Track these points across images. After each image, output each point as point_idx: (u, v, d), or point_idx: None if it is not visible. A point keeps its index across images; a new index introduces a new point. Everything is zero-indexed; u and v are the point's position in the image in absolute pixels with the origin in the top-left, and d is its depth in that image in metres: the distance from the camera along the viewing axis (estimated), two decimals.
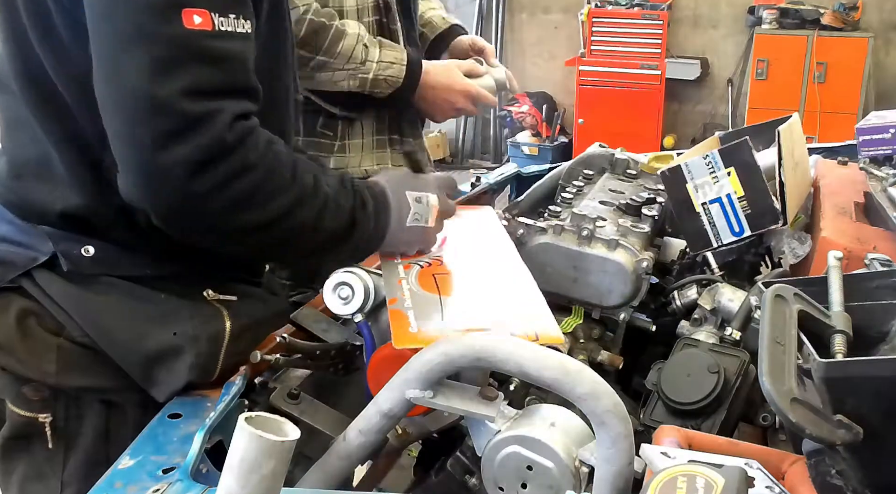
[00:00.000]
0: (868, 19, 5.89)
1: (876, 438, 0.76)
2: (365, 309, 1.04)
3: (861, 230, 1.37)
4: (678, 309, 1.33)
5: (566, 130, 6.69)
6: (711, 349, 1.12)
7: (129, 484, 0.87)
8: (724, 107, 6.37)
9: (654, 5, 6.12)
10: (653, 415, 1.07)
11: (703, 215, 1.38)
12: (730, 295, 1.24)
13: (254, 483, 0.65)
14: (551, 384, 0.83)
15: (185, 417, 1.00)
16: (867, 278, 0.98)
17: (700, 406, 1.04)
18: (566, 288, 1.28)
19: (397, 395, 0.90)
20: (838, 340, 0.87)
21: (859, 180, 1.63)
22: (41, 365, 1.05)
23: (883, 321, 0.92)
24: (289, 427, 0.68)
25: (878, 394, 0.77)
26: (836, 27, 5.67)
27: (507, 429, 0.89)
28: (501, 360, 0.84)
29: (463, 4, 6.96)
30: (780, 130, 1.40)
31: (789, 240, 1.41)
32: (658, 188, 1.58)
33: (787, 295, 0.89)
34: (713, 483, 0.65)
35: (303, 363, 1.12)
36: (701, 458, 0.77)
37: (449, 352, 0.86)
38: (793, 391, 0.76)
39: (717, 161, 1.36)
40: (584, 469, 0.86)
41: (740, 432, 1.10)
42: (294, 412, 1.03)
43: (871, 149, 1.68)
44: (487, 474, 0.91)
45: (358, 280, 1.03)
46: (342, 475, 0.96)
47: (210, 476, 0.89)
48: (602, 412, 0.80)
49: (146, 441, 0.95)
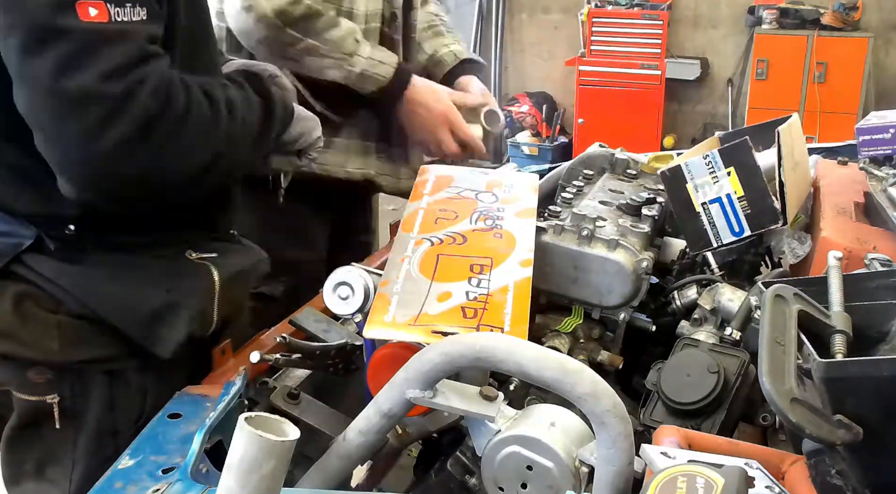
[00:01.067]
0: (868, 19, 5.88)
1: (876, 438, 0.76)
2: (365, 308, 1.04)
3: (861, 230, 1.37)
4: (678, 309, 1.33)
5: (566, 130, 6.68)
6: (711, 349, 1.12)
7: (129, 484, 0.87)
8: (724, 107, 6.36)
9: (654, 5, 6.12)
10: (653, 415, 1.07)
11: (703, 215, 1.38)
12: (730, 295, 1.24)
13: (254, 483, 0.65)
14: (551, 384, 0.83)
15: (185, 417, 1.00)
16: (867, 278, 0.98)
17: (700, 406, 1.04)
18: (566, 288, 1.28)
19: (397, 395, 0.90)
20: (838, 340, 0.87)
21: (859, 180, 1.63)
22: (45, 344, 1.07)
23: (883, 321, 0.92)
24: (289, 427, 0.68)
25: (878, 394, 0.77)
26: (836, 27, 5.66)
27: (507, 429, 0.89)
28: (501, 360, 0.84)
29: (463, 4, 6.96)
30: (780, 130, 1.40)
31: (789, 240, 1.41)
32: (658, 188, 1.58)
33: (787, 295, 0.89)
34: (713, 483, 0.65)
35: (303, 363, 1.12)
36: (701, 458, 0.77)
37: (449, 352, 0.86)
38: (793, 391, 0.76)
39: (717, 161, 1.36)
40: (584, 469, 0.86)
41: (740, 432, 1.10)
42: (294, 412, 1.03)
43: (871, 149, 1.68)
44: (487, 474, 0.91)
45: (358, 279, 1.03)
46: (342, 475, 0.96)
47: (210, 476, 0.89)
48: (602, 412, 0.80)
49: (146, 441, 0.95)
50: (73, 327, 1.08)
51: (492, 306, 1.01)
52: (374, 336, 0.98)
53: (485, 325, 0.96)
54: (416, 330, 0.96)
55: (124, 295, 1.09)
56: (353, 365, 1.16)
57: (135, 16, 0.96)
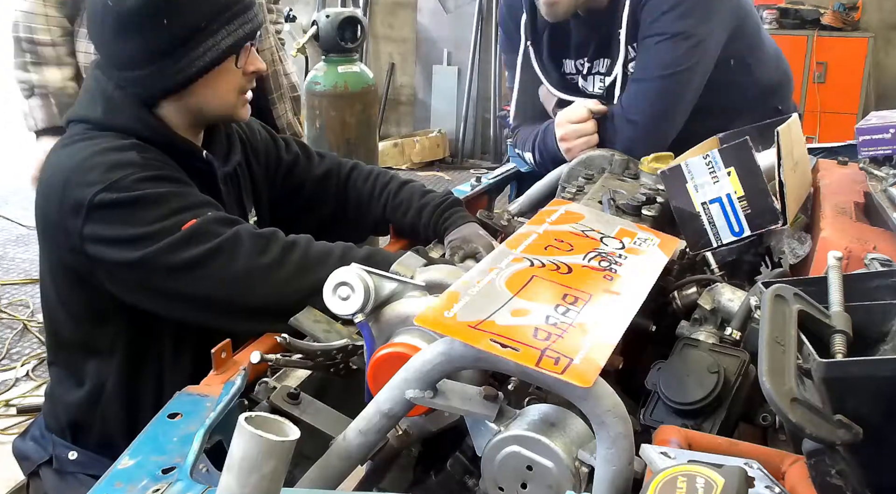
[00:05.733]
0: (868, 19, 5.88)
1: (876, 438, 0.76)
2: (365, 309, 1.04)
3: (861, 230, 1.37)
4: (678, 309, 1.33)
5: None
6: (711, 349, 1.12)
7: (129, 484, 0.87)
8: None
9: None
10: (653, 415, 1.07)
11: (703, 215, 1.38)
12: (730, 295, 1.24)
13: (254, 483, 0.65)
14: (551, 384, 0.83)
15: (184, 417, 1.00)
16: (867, 278, 0.98)
17: (700, 406, 1.04)
18: None
19: (397, 395, 0.90)
20: (838, 340, 0.87)
21: (859, 180, 1.64)
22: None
23: (883, 321, 0.92)
24: (289, 428, 0.68)
25: (878, 394, 0.77)
26: (836, 27, 5.66)
27: (507, 429, 0.89)
28: (501, 360, 0.84)
29: (463, 4, 6.96)
30: (780, 130, 1.40)
31: (789, 240, 1.41)
32: (658, 188, 1.58)
33: (787, 295, 0.89)
34: (713, 483, 0.65)
35: (303, 363, 1.12)
36: (701, 458, 0.77)
37: (449, 352, 0.86)
38: (793, 391, 0.75)
39: (717, 161, 1.36)
40: (584, 469, 0.86)
41: (740, 432, 1.09)
42: (294, 412, 1.03)
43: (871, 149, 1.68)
44: (487, 474, 0.91)
45: (358, 279, 1.03)
46: (342, 475, 0.96)
47: (210, 476, 0.89)
48: (602, 412, 0.80)
49: (146, 441, 0.95)
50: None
51: (570, 336, 0.88)
52: (424, 328, 0.91)
53: (553, 351, 0.84)
54: (473, 333, 0.86)
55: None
56: (354, 365, 1.16)
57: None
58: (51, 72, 2.35)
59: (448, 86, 7.24)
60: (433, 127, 7.28)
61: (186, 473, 0.87)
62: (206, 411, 1.00)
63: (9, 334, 3.69)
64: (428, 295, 1.09)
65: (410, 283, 1.09)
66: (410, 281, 1.09)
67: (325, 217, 1.76)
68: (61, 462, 1.51)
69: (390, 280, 1.08)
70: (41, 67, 2.36)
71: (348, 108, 3.58)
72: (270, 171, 1.71)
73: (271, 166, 1.72)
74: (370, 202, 1.72)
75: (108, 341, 1.44)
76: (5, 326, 3.78)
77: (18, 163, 3.84)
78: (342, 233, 1.75)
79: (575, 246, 1.16)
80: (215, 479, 0.82)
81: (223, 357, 1.15)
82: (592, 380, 0.80)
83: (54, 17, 2.37)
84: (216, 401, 1.01)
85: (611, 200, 1.50)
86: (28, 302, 4.00)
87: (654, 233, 1.30)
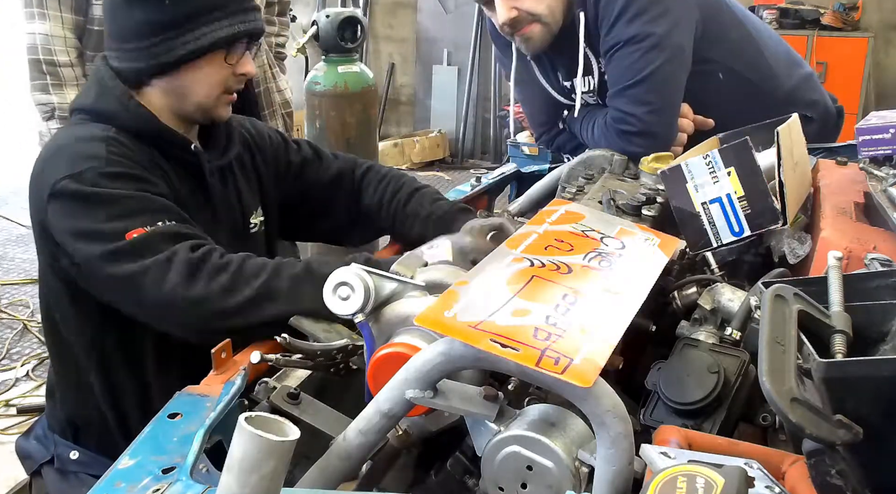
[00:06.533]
0: (868, 19, 5.88)
1: (876, 438, 0.76)
2: (365, 309, 1.04)
3: (861, 230, 1.37)
4: (678, 309, 1.33)
5: None
6: (711, 349, 1.12)
7: (129, 484, 0.87)
8: None
9: None
10: (653, 415, 1.07)
11: (703, 215, 1.38)
12: (730, 295, 1.24)
13: (254, 483, 0.65)
14: (551, 384, 0.83)
15: (184, 417, 1.00)
16: (867, 278, 0.97)
17: (700, 406, 1.04)
18: None
19: (397, 395, 0.90)
20: (838, 340, 0.87)
21: (859, 180, 1.63)
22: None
23: (883, 321, 0.92)
24: (289, 428, 0.68)
25: (878, 394, 0.77)
26: (836, 27, 5.66)
27: (507, 429, 0.89)
28: (501, 360, 0.84)
29: (463, 4, 6.96)
30: (780, 130, 1.40)
31: (789, 240, 1.41)
32: (658, 188, 1.58)
33: (787, 295, 0.89)
34: (713, 483, 0.65)
35: (303, 363, 1.12)
36: (701, 458, 0.77)
37: (449, 352, 0.86)
38: (793, 391, 0.75)
39: (717, 161, 1.36)
40: (584, 469, 0.86)
41: (740, 432, 1.09)
42: (294, 412, 1.03)
43: (871, 149, 1.68)
44: (487, 474, 0.91)
45: (358, 279, 1.03)
46: (342, 475, 0.96)
47: (210, 476, 0.89)
48: (602, 412, 0.80)
49: (146, 441, 0.95)
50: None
51: (570, 336, 0.89)
52: (424, 328, 0.91)
53: (553, 351, 0.84)
54: (473, 333, 0.86)
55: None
56: (354, 365, 1.16)
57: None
58: (71, 93, 2.36)
59: (448, 87, 7.25)
60: (433, 127, 7.28)
61: (186, 473, 0.87)
62: (206, 411, 1.00)
63: (9, 334, 3.69)
64: (428, 295, 1.09)
65: (410, 283, 1.09)
66: (410, 281, 1.10)
67: (340, 217, 1.76)
68: (63, 461, 1.53)
69: (390, 280, 1.08)
70: (62, 89, 2.36)
71: (348, 108, 3.58)
72: (280, 171, 1.72)
73: (280, 166, 1.72)
74: (379, 211, 1.73)
75: (99, 339, 1.46)
76: (5, 326, 3.78)
77: (18, 164, 3.84)
78: (357, 233, 1.77)
79: (575, 246, 1.16)
80: (215, 479, 0.82)
81: (223, 357, 1.15)
82: (592, 380, 0.80)
83: (71, 38, 2.38)
84: (216, 401, 1.01)
85: (611, 200, 1.50)
86: (28, 302, 4.00)
87: (654, 233, 1.31)
